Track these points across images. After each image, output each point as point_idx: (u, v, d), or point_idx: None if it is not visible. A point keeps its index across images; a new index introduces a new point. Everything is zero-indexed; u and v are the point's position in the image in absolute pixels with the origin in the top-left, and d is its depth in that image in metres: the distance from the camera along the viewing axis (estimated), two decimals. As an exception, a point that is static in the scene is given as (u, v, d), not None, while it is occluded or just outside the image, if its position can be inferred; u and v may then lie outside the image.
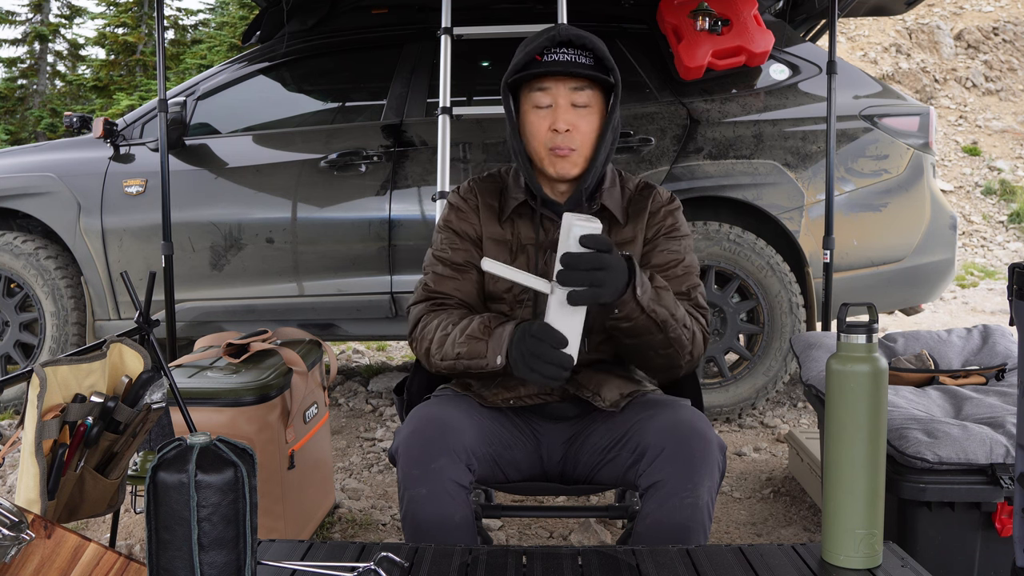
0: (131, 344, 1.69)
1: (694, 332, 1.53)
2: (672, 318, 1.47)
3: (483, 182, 1.71)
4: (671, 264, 1.61)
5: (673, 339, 1.48)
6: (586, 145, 1.59)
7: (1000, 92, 12.17)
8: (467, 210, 1.67)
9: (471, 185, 1.70)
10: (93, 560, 1.20)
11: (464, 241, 1.65)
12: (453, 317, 1.56)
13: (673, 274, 1.61)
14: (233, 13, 15.35)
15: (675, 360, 1.53)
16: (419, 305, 1.63)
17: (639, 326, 1.44)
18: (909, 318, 5.48)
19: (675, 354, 1.51)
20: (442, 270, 1.64)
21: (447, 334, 1.53)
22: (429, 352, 1.56)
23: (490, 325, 1.49)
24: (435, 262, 1.66)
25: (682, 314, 1.50)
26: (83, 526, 2.49)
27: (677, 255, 1.62)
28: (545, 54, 1.55)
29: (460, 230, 1.66)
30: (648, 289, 1.42)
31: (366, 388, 4.10)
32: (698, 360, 1.58)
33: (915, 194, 3.48)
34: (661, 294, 1.46)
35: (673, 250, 1.63)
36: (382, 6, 3.81)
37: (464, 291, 1.62)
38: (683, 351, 1.52)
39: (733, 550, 1.26)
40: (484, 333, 1.48)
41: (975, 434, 1.79)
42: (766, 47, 3.42)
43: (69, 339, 3.69)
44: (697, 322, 1.56)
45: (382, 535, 2.50)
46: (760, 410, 3.64)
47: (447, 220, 1.68)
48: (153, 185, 3.55)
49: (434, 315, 1.59)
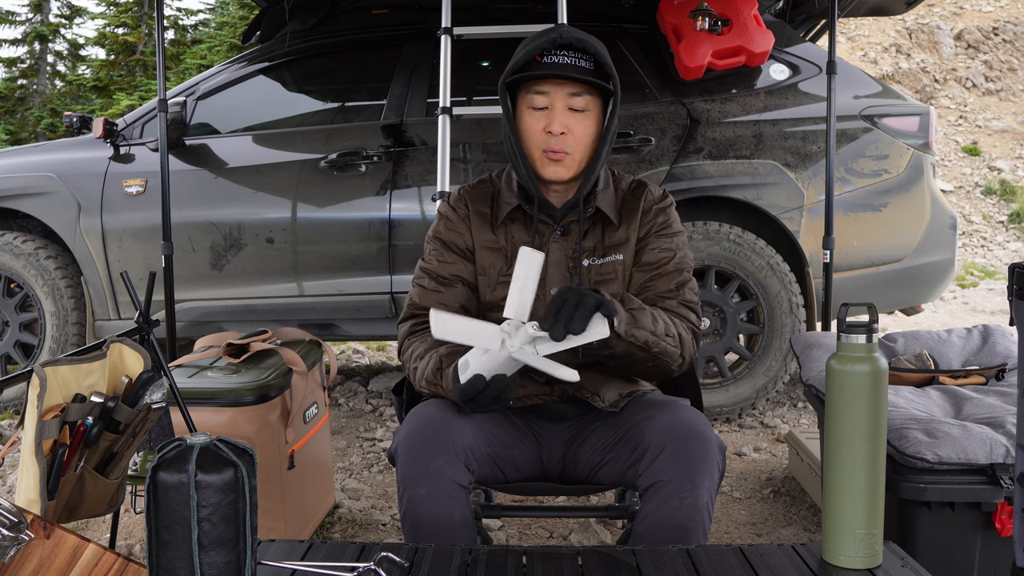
0: (131, 344, 1.69)
1: (680, 337, 1.53)
2: (653, 335, 1.46)
3: (474, 189, 1.70)
4: (662, 262, 1.61)
5: (658, 353, 1.48)
6: (580, 150, 1.58)
7: (1000, 92, 12.17)
8: (456, 220, 1.67)
9: (461, 193, 1.70)
10: (92, 560, 1.20)
11: (452, 253, 1.65)
12: (420, 349, 1.58)
13: (664, 271, 1.60)
14: (233, 13, 15.35)
15: (666, 368, 1.54)
16: (405, 324, 1.66)
17: (621, 352, 1.45)
18: (909, 318, 5.47)
19: (665, 363, 1.52)
20: (428, 283, 1.64)
21: (419, 368, 1.56)
22: (414, 376, 1.59)
23: (441, 367, 1.50)
24: (422, 275, 1.66)
25: (663, 327, 1.49)
26: (83, 526, 2.49)
27: (669, 252, 1.62)
28: (545, 55, 1.55)
29: (449, 241, 1.66)
30: (623, 317, 1.41)
31: (366, 388, 4.10)
32: (692, 359, 1.58)
33: (915, 194, 3.48)
34: (637, 316, 1.45)
35: (665, 248, 1.62)
36: (382, 6, 3.81)
37: (448, 306, 1.61)
38: (673, 360, 1.52)
39: (733, 550, 1.26)
40: (436, 377, 1.51)
41: (975, 434, 1.79)
42: (766, 47, 3.42)
43: (69, 339, 3.69)
44: (685, 321, 1.56)
45: (382, 535, 2.50)
46: (760, 410, 3.64)
47: (436, 231, 1.68)
48: (153, 185, 3.54)
49: (416, 338, 1.61)
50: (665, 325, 1.50)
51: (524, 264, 1.33)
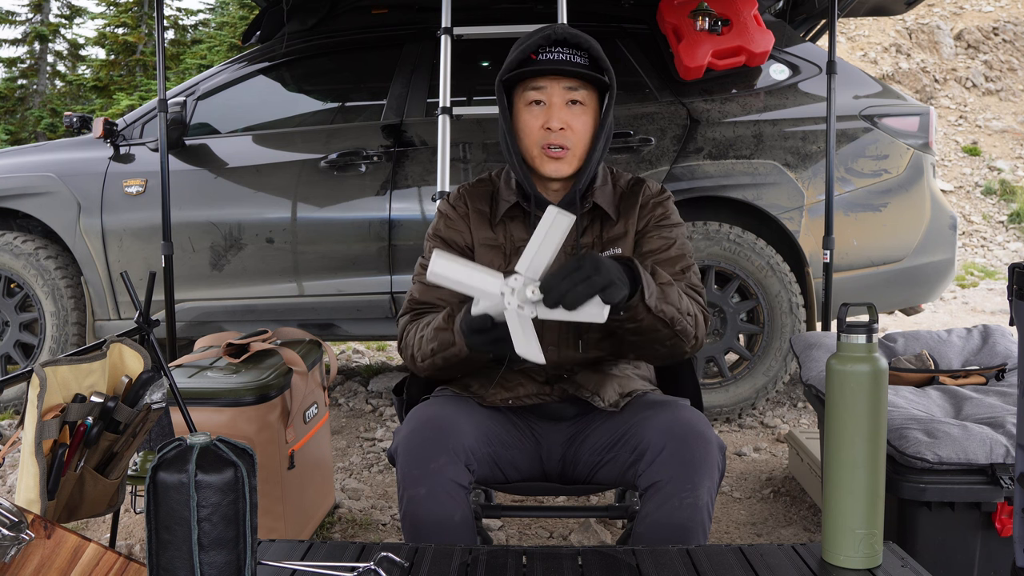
0: (131, 344, 1.69)
1: (697, 317, 1.52)
2: (679, 313, 1.45)
3: (473, 188, 1.71)
4: (663, 248, 1.61)
5: (679, 331, 1.47)
6: (579, 144, 1.58)
7: (1000, 92, 12.17)
8: (456, 218, 1.67)
9: (460, 192, 1.71)
10: (93, 560, 1.20)
11: (451, 250, 1.65)
12: (420, 325, 1.58)
13: (666, 256, 1.60)
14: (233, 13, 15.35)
15: (680, 348, 1.52)
16: (405, 316, 1.65)
17: (646, 326, 1.43)
18: (909, 318, 5.48)
19: (680, 343, 1.50)
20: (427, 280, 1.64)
21: (423, 335, 1.55)
22: (414, 357, 1.58)
23: (452, 315, 1.50)
24: (421, 272, 1.66)
25: (687, 305, 1.49)
26: (83, 526, 2.49)
27: (668, 240, 1.62)
28: (540, 53, 1.55)
29: (448, 238, 1.66)
30: (654, 289, 1.41)
31: (366, 388, 4.10)
32: (702, 342, 1.56)
33: (915, 194, 3.48)
34: (666, 291, 1.44)
35: (664, 236, 1.62)
36: (382, 6, 3.81)
37: (448, 301, 1.61)
38: (688, 340, 1.50)
39: (733, 550, 1.26)
40: (448, 323, 1.49)
41: (975, 434, 1.79)
42: (766, 47, 3.42)
43: (69, 339, 3.69)
44: (697, 303, 1.56)
45: (382, 535, 2.50)
46: (760, 410, 3.64)
47: (436, 229, 1.68)
48: (153, 185, 3.55)
49: (415, 324, 1.61)
50: (687, 303, 1.49)
51: (548, 223, 1.26)
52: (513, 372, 1.62)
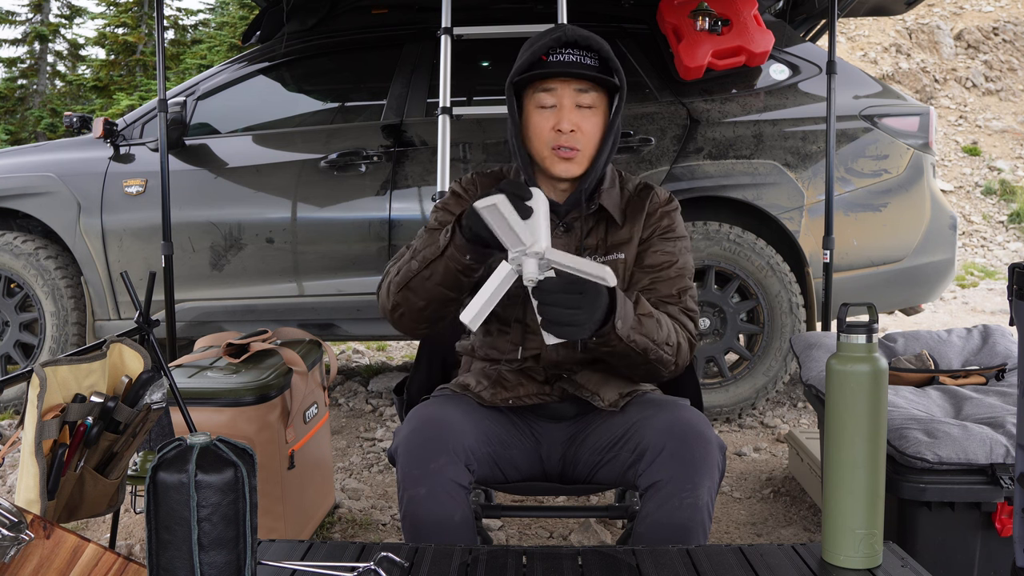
0: (131, 344, 1.69)
1: (679, 346, 1.53)
2: (653, 344, 1.46)
3: (486, 177, 1.71)
4: (664, 265, 1.61)
5: (654, 360, 1.49)
6: (589, 146, 1.58)
7: (1000, 92, 12.17)
8: (467, 199, 1.67)
9: (474, 177, 1.71)
10: (92, 560, 1.20)
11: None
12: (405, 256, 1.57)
13: (666, 276, 1.60)
14: (233, 13, 15.35)
15: (657, 373, 1.54)
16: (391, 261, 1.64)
17: (618, 352, 1.45)
18: (909, 318, 5.47)
19: (657, 370, 1.52)
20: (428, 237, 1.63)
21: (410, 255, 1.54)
22: (390, 280, 1.54)
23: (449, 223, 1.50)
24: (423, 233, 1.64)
25: (665, 335, 1.49)
26: (83, 526, 2.49)
27: (671, 256, 1.62)
28: (551, 55, 1.55)
29: (456, 213, 1.65)
30: (629, 318, 1.41)
31: (366, 388, 4.10)
32: (683, 368, 1.58)
33: (915, 194, 3.48)
34: (644, 322, 1.45)
35: (667, 251, 1.62)
36: (382, 6, 3.81)
37: None
38: (666, 367, 1.52)
39: (733, 550, 1.26)
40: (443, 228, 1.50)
41: (975, 434, 1.79)
42: (766, 47, 3.42)
43: (69, 339, 3.69)
44: (684, 329, 1.56)
45: (382, 535, 2.50)
46: (760, 410, 3.64)
47: (445, 203, 1.68)
48: (153, 185, 3.55)
49: None
50: (667, 334, 1.50)
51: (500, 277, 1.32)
52: (514, 372, 1.62)
